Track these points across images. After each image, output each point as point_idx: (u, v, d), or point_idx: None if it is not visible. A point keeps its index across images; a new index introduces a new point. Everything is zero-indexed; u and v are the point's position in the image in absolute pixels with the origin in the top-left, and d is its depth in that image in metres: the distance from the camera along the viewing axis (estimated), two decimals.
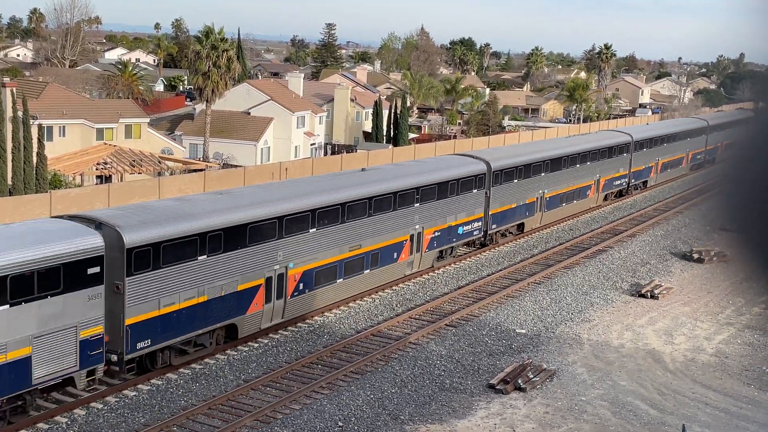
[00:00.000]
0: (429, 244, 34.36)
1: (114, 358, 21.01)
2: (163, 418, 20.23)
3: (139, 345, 21.56)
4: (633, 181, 56.35)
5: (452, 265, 36.41)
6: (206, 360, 24.00)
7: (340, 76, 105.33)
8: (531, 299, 32.05)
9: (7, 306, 18.37)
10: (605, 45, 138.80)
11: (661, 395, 23.55)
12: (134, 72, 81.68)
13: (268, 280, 25.72)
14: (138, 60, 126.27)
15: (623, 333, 29.07)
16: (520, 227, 42.44)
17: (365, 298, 30.80)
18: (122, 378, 22.04)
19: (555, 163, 44.49)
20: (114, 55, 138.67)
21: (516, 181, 40.61)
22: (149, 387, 22.02)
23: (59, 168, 48.63)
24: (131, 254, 21.16)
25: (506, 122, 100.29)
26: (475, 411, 21.75)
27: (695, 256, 40.50)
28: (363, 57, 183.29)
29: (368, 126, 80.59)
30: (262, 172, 56.05)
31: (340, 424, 20.49)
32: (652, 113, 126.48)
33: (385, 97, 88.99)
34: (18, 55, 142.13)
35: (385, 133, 76.87)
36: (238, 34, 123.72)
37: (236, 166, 58.01)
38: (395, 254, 32.21)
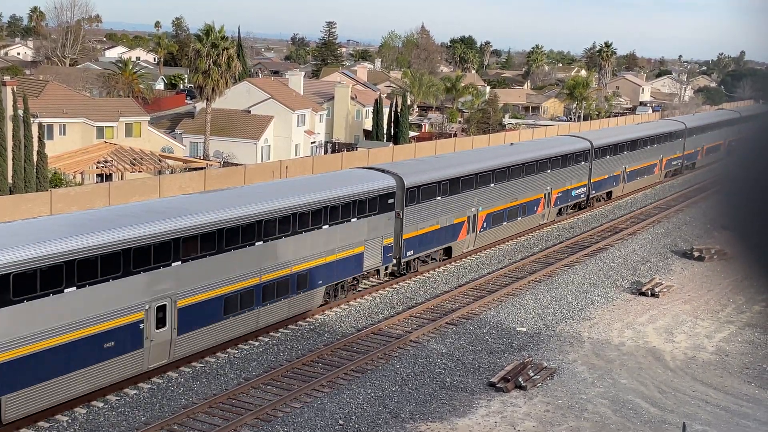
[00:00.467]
0: (555, 202, 45.39)
1: (393, 261, 32.28)
2: (163, 416, 20.25)
3: (408, 253, 33.09)
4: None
5: (455, 262, 36.43)
6: (206, 358, 24.02)
7: (340, 75, 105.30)
8: (531, 297, 32.06)
9: (356, 219, 29.76)
10: (605, 43, 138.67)
11: (662, 393, 23.56)
12: (134, 70, 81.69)
13: (469, 218, 37.05)
14: (138, 58, 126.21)
15: (624, 331, 29.08)
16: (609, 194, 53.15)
17: (365, 297, 30.81)
18: (400, 273, 33.20)
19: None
20: (114, 53, 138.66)
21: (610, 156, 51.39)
22: (150, 385, 22.04)
23: (60, 166, 48.65)
24: (408, 192, 32.73)
25: (507, 120, 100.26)
26: (476, 409, 21.76)
27: (696, 254, 40.50)
28: (363, 55, 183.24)
29: (369, 124, 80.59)
30: (263, 170, 56.06)
31: (340, 422, 20.50)
32: (653, 111, 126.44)
33: (385, 95, 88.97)
34: (18, 54, 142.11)
35: (385, 131, 76.87)
36: (239, 33, 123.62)
37: (237, 165, 58.04)
38: (535, 207, 43.34)
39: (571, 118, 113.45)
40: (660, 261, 39.79)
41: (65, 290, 19.58)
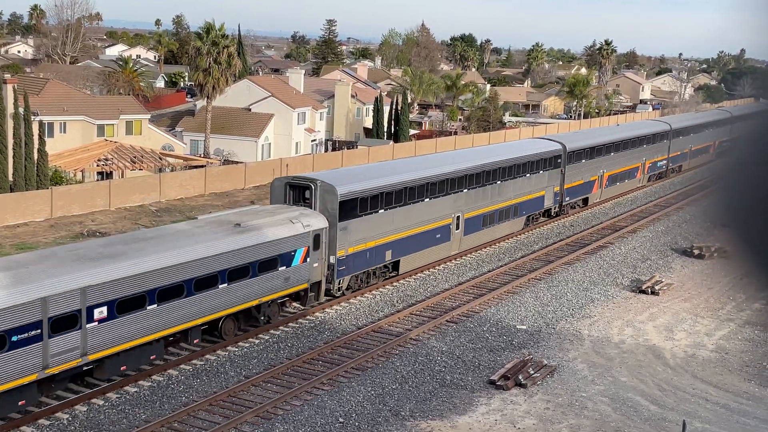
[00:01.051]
0: (648, 169, 58.91)
1: (558, 204, 45.42)
2: (164, 414, 20.28)
3: (566, 199, 46.45)
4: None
5: (454, 260, 36.45)
6: (207, 356, 24.05)
7: (340, 73, 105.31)
8: (532, 295, 32.08)
9: (541, 172, 42.91)
10: (606, 41, 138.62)
11: (662, 391, 23.58)
12: (135, 68, 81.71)
13: (599, 177, 50.76)
14: (139, 56, 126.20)
15: (624, 329, 29.10)
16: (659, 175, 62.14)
17: (366, 294, 30.83)
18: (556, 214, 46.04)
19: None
20: (115, 51, 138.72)
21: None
22: (150, 383, 22.07)
23: (60, 164, 48.68)
24: (569, 154, 45.56)
25: (507, 118, 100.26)
26: (476, 407, 21.79)
27: (696, 252, 40.51)
28: (364, 53, 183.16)
29: (369, 122, 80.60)
30: (263, 168, 56.10)
31: (340, 420, 20.53)
32: (653, 109, 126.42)
33: (385, 93, 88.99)
34: (19, 52, 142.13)
35: (385, 129, 76.89)
36: (239, 31, 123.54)
37: (237, 163, 58.07)
38: (635, 173, 56.82)
39: (571, 116, 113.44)
40: (660, 259, 39.80)
41: (425, 200, 33.78)
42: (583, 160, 48.57)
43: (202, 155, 60.56)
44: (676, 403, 22.77)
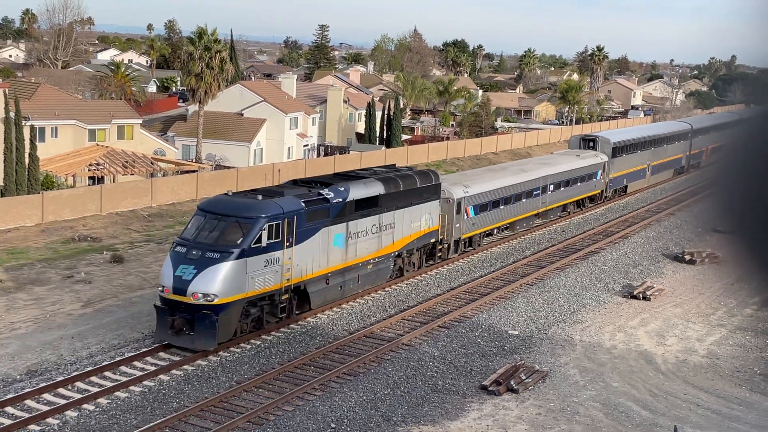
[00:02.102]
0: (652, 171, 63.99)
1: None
2: (154, 419, 20.19)
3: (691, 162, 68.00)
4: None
5: (446, 265, 36.45)
6: (198, 362, 23.97)
7: (333, 78, 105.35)
8: (523, 300, 32.10)
9: (676, 143, 66.04)
10: (597, 47, 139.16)
11: (653, 396, 23.62)
12: (127, 73, 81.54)
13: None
14: (131, 61, 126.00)
15: (615, 334, 29.14)
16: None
17: (358, 300, 30.81)
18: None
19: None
20: (106, 56, 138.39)
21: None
22: (141, 388, 21.98)
23: (51, 169, 48.54)
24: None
25: (499, 124, 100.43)
26: (468, 412, 21.78)
27: (687, 257, 40.64)
28: (356, 58, 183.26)
29: (361, 127, 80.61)
30: (255, 173, 56.04)
31: (332, 425, 20.48)
32: (645, 115, 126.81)
33: (378, 98, 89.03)
34: (10, 56, 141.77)
35: (378, 134, 76.92)
36: (231, 36, 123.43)
37: (229, 168, 58.00)
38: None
39: (563, 122, 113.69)
40: (651, 264, 39.90)
41: (644, 151, 60.03)
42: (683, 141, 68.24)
43: (194, 160, 60.46)
44: (668, 408, 22.81)
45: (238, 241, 24.20)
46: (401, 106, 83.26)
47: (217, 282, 23.52)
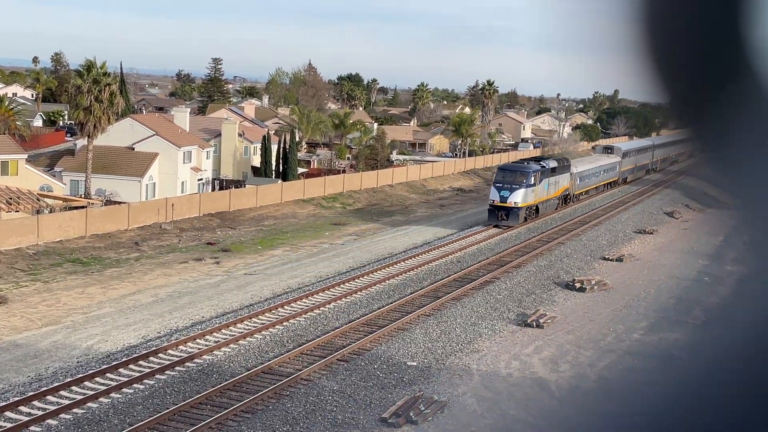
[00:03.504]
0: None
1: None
2: None
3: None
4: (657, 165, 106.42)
5: (344, 298, 36.43)
6: (89, 404, 23.12)
7: (227, 111, 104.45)
8: (421, 331, 32.34)
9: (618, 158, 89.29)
10: (488, 81, 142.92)
11: (548, 422, 24.05)
12: (11, 107, 78.73)
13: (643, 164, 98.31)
14: (15, 94, 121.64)
15: (511, 362, 29.67)
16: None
17: (255, 335, 30.40)
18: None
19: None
20: None
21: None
22: None
23: None
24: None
25: (394, 156, 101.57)
26: None
27: (577, 285, 41.87)
28: (250, 92, 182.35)
29: (257, 161, 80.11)
30: (148, 208, 54.84)
31: None
32: (534, 147, 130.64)
33: (273, 131, 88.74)
34: None
35: (274, 167, 76.57)
36: (121, 68, 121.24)
37: (120, 203, 56.55)
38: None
39: (456, 154, 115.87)
40: (544, 293, 40.90)
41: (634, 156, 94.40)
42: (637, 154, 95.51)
43: (83, 196, 58.68)
44: None
45: (523, 182, 56.40)
46: (297, 139, 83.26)
47: (518, 197, 55.87)
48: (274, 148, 77.99)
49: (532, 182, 57.25)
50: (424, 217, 65.85)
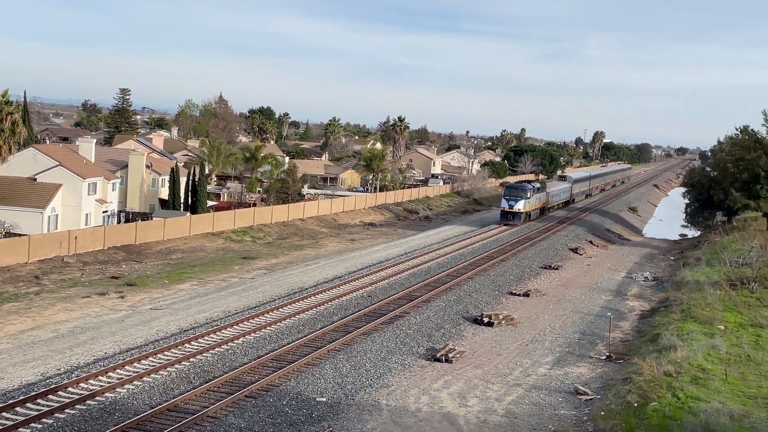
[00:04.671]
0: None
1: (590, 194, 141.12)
2: None
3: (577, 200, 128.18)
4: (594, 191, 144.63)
5: (253, 333, 35.91)
6: None
7: (135, 142, 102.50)
8: (331, 367, 32.13)
9: (569, 184, 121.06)
10: (399, 117, 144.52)
11: None
12: None
13: (591, 189, 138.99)
14: None
15: (420, 397, 29.74)
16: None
17: (161, 372, 29.63)
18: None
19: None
20: None
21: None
22: None
23: None
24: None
25: (306, 190, 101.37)
26: None
27: (485, 320, 42.41)
28: (159, 123, 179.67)
29: (165, 193, 78.72)
30: (49, 241, 53.15)
31: None
32: (443, 183, 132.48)
33: (182, 163, 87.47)
34: None
35: (182, 200, 75.35)
36: (24, 97, 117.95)
37: (20, 236, 54.62)
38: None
39: (368, 189, 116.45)
40: (453, 327, 41.26)
41: (586, 182, 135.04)
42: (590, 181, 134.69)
43: None
44: None
45: (522, 196, 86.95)
46: (207, 171, 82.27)
47: (520, 206, 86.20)
48: (183, 180, 76.84)
49: (528, 196, 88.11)
50: (335, 252, 65.77)
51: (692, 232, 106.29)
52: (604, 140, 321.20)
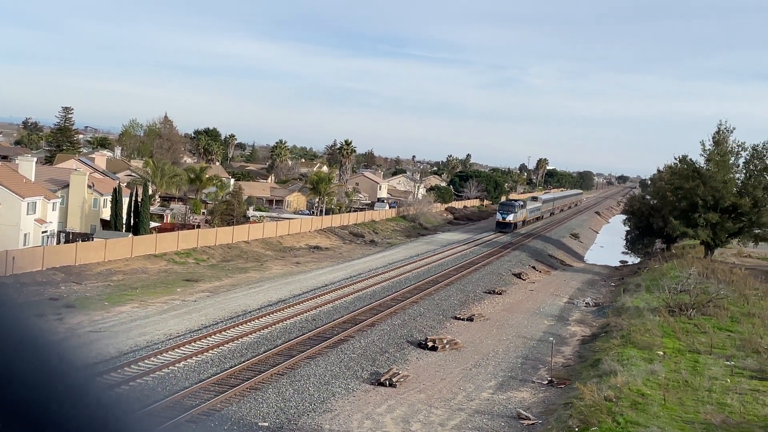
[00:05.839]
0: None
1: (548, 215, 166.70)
2: None
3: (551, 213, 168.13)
4: (549, 213, 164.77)
5: (195, 357, 35.43)
6: None
7: (76, 162, 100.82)
8: (274, 391, 31.84)
9: (537, 203, 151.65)
10: (346, 141, 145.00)
11: None
12: None
13: (548, 210, 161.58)
14: None
15: (363, 422, 29.61)
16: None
17: None
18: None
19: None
20: None
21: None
22: None
23: None
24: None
25: (251, 213, 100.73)
26: None
27: (430, 344, 42.52)
28: (102, 143, 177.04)
29: (107, 213, 77.44)
30: None
31: None
32: (389, 207, 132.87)
33: (125, 184, 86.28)
34: None
35: (125, 221, 74.23)
36: None
37: None
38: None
39: (314, 212, 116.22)
40: (397, 351, 41.26)
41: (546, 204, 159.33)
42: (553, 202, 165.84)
43: None
44: None
45: (512, 210, 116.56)
46: (150, 192, 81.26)
47: (511, 218, 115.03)
48: (126, 200, 75.74)
49: (516, 211, 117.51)
50: (279, 275, 65.39)
51: (632, 259, 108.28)
52: (548, 167, 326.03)
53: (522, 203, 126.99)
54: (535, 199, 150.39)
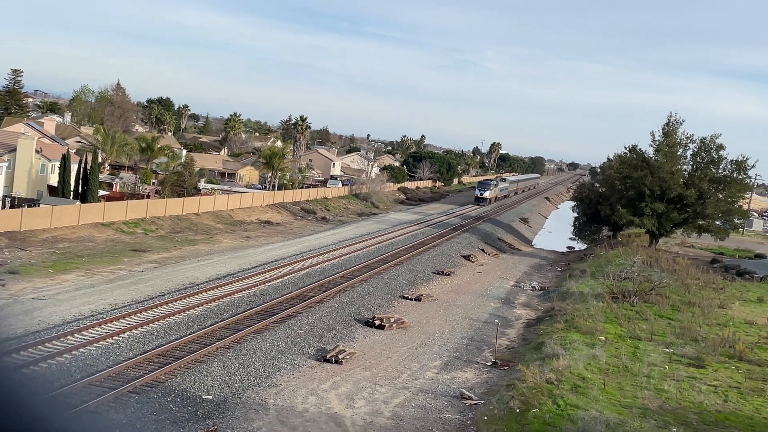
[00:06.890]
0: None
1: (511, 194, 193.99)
2: None
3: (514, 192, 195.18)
4: (514, 192, 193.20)
5: (140, 328, 35.12)
6: None
7: (24, 126, 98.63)
8: (219, 364, 31.76)
9: (506, 183, 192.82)
10: (301, 116, 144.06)
11: None
12: None
13: (514, 190, 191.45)
14: None
15: (308, 397, 29.73)
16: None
17: (40, 364, 28.64)
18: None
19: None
20: None
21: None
22: None
23: None
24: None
25: (202, 185, 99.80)
26: None
27: (377, 322, 42.75)
28: (52, 107, 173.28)
29: (54, 180, 76.09)
30: None
31: None
32: (343, 185, 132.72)
33: (74, 150, 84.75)
34: None
35: (72, 188, 72.99)
36: None
37: None
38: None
39: (266, 187, 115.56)
40: (344, 329, 41.41)
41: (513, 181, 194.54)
42: (517, 182, 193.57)
43: None
44: None
45: (489, 188, 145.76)
46: (100, 160, 79.97)
47: (487, 194, 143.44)
48: (74, 167, 74.43)
49: (491, 188, 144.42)
50: (229, 248, 65.01)
51: (579, 245, 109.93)
52: (501, 151, 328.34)
53: (495, 182, 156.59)
54: (503, 179, 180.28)
